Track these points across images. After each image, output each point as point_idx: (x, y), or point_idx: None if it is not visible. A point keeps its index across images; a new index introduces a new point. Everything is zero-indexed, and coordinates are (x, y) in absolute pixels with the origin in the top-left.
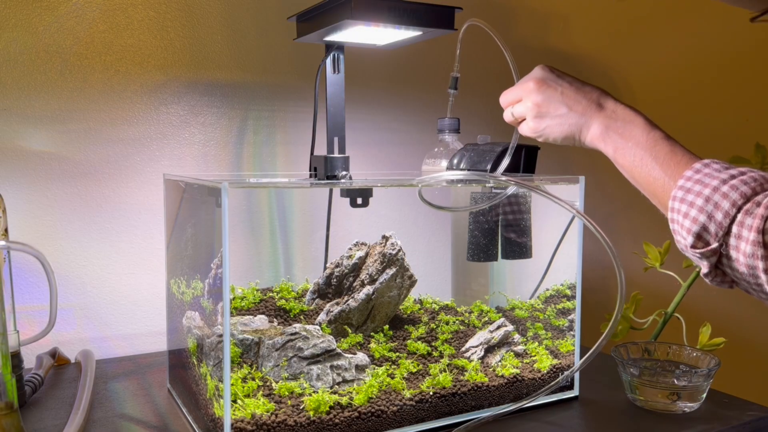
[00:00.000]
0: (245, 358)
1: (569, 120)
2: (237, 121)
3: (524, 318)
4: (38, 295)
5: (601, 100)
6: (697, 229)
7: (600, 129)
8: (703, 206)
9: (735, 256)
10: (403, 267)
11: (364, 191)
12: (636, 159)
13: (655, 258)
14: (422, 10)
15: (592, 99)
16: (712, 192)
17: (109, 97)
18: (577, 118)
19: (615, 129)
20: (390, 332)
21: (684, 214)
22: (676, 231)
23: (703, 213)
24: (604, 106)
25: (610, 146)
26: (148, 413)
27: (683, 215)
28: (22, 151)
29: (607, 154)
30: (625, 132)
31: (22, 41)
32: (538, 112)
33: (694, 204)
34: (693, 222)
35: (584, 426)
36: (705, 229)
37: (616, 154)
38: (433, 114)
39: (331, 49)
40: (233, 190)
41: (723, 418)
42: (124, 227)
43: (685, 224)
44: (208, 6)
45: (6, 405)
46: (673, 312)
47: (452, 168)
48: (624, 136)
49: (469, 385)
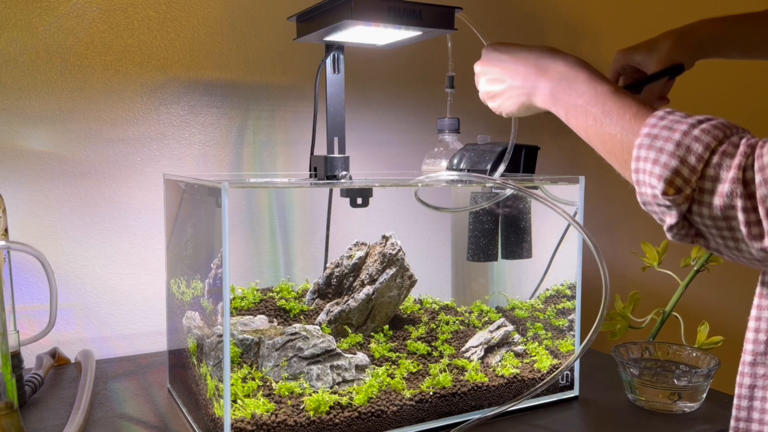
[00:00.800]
0: (245, 358)
1: (515, 92)
2: (237, 121)
3: (524, 318)
4: (38, 295)
5: (540, 63)
6: (669, 175)
7: (545, 93)
8: (674, 151)
9: (709, 200)
10: (403, 267)
11: (364, 191)
12: (589, 118)
13: (653, 257)
14: (422, 10)
15: (530, 64)
16: (683, 136)
17: (109, 97)
18: (521, 88)
19: (560, 90)
20: (390, 332)
21: (653, 161)
22: (643, 182)
23: (675, 158)
24: (544, 68)
25: (561, 109)
26: (148, 413)
27: (652, 162)
28: (22, 151)
29: (560, 116)
30: (571, 91)
31: (22, 41)
32: (488, 93)
33: (663, 149)
34: (664, 167)
35: (584, 426)
36: (677, 173)
37: (567, 116)
38: (433, 114)
39: (331, 49)
40: (233, 190)
41: (723, 418)
42: (124, 227)
43: (655, 171)
44: (208, 6)
45: (6, 405)
46: (671, 311)
47: (452, 168)
48: (571, 96)
49: (469, 385)
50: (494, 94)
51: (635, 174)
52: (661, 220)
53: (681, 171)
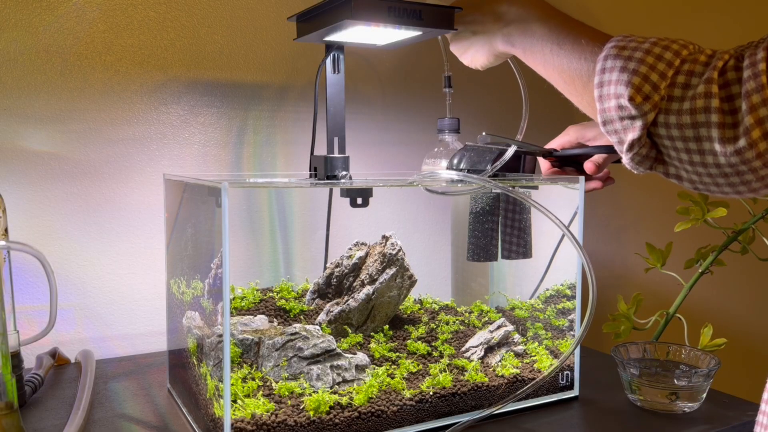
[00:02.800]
0: (245, 358)
1: (478, 42)
2: (237, 121)
3: (524, 318)
4: (38, 295)
5: (495, 8)
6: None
7: (503, 37)
8: (643, 57)
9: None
10: (403, 267)
11: (364, 191)
12: (545, 51)
13: (656, 259)
14: (422, 10)
15: (486, 11)
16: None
17: (109, 97)
18: (483, 36)
19: (516, 32)
20: (390, 332)
21: (621, 68)
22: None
23: (644, 64)
24: (499, 13)
25: (518, 49)
26: (148, 413)
27: (619, 70)
28: (22, 151)
29: (520, 57)
30: (526, 31)
31: (22, 41)
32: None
33: (632, 57)
34: (633, 73)
35: (584, 426)
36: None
37: (525, 54)
38: (433, 114)
39: (331, 49)
40: (233, 190)
41: (723, 418)
42: (124, 227)
43: (622, 78)
44: (208, 6)
45: (6, 405)
46: (675, 312)
47: (452, 168)
48: (526, 35)
49: (469, 385)
50: (465, 48)
51: (598, 89)
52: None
53: (650, 77)
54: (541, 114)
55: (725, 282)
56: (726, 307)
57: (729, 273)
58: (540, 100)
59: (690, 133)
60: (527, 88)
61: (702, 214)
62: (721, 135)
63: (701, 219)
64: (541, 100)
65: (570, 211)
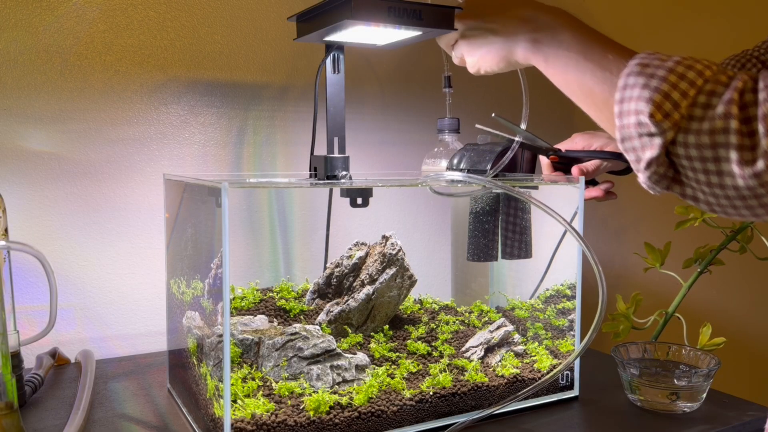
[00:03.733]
0: (245, 358)
1: (495, 45)
2: (237, 121)
3: (524, 318)
4: (38, 295)
5: (521, 12)
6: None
7: (529, 41)
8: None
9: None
10: (403, 267)
11: (364, 191)
12: (570, 62)
13: (655, 258)
14: (422, 10)
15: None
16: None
17: (109, 97)
18: (502, 40)
19: (544, 36)
20: (390, 332)
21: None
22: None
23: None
24: (527, 18)
25: (541, 57)
26: (148, 413)
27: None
28: (22, 151)
29: (540, 66)
30: (553, 40)
31: (22, 41)
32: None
33: (655, 75)
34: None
35: (584, 426)
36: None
37: (547, 63)
38: (433, 114)
39: (331, 49)
40: (233, 190)
41: (723, 418)
42: (124, 227)
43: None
44: (208, 6)
45: (6, 405)
46: (674, 312)
47: (452, 168)
48: (553, 44)
49: (469, 385)
50: (477, 47)
51: (619, 105)
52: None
53: (671, 95)
54: (542, 115)
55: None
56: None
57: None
58: (540, 100)
59: (709, 153)
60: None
61: (701, 213)
62: (740, 157)
63: (700, 219)
64: (542, 101)
65: (570, 212)
